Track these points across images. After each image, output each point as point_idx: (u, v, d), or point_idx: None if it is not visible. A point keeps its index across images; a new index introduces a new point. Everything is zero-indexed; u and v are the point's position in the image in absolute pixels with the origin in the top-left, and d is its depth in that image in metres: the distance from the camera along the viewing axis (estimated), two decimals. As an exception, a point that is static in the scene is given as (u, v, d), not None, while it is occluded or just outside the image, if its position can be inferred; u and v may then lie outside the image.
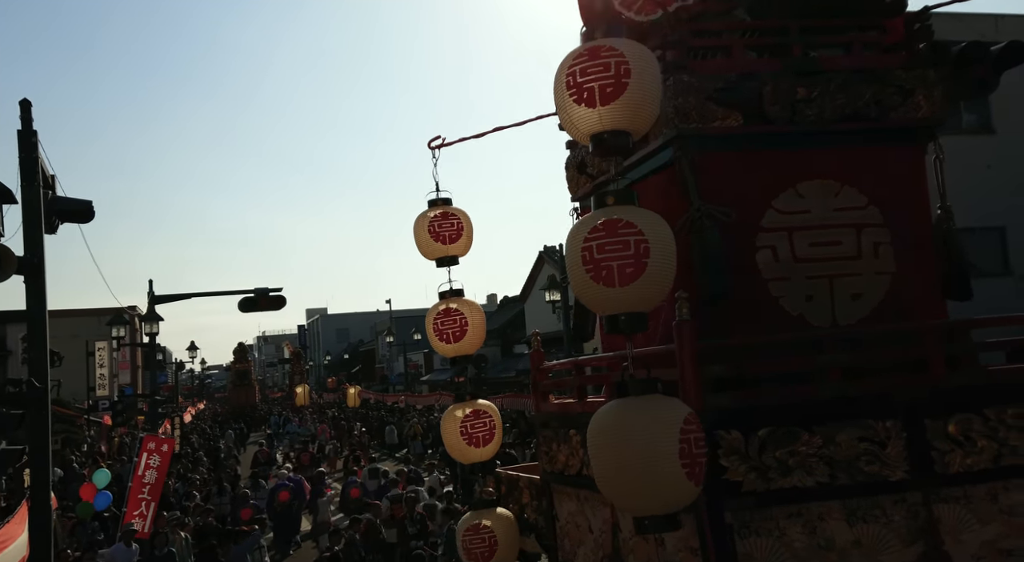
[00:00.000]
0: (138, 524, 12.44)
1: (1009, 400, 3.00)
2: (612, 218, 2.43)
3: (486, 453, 3.97)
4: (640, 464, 2.38)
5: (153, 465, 13.44)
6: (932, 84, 3.32)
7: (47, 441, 8.30)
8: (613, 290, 2.40)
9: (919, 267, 3.32)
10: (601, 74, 2.46)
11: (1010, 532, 2.94)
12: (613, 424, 2.45)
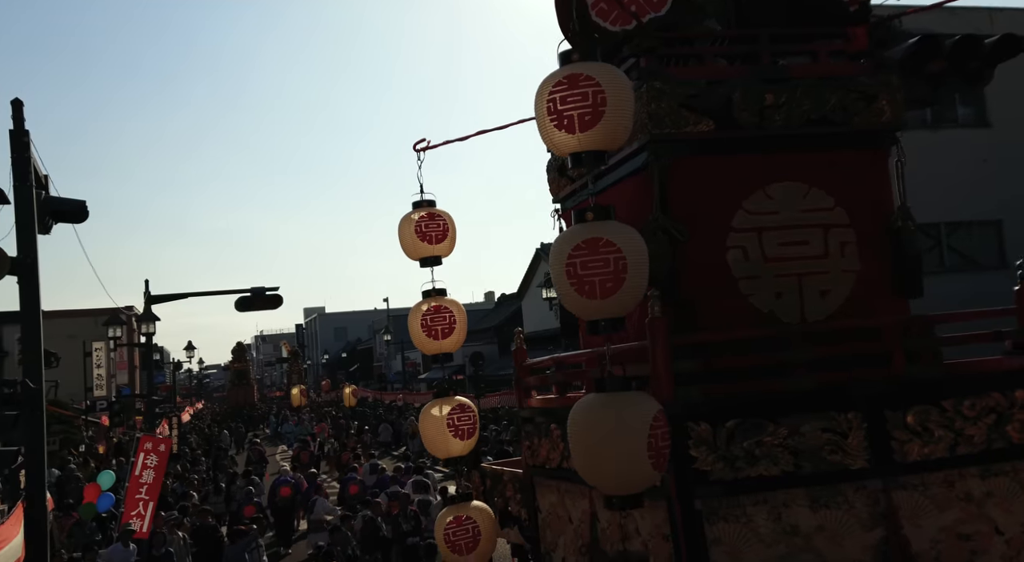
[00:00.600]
0: (136, 524, 12.22)
1: (965, 392, 3.19)
2: (593, 237, 2.62)
3: (468, 446, 4.15)
4: (614, 452, 2.57)
5: (150, 465, 13.18)
6: (894, 90, 3.50)
7: (42, 442, 8.36)
8: (595, 301, 2.61)
9: (883, 265, 3.50)
10: (580, 103, 2.66)
11: (966, 518, 3.12)
12: (592, 416, 2.64)
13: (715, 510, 2.98)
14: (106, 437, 23.92)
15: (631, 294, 2.63)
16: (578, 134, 2.69)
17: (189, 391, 65.69)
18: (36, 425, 8.15)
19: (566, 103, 2.69)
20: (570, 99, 2.69)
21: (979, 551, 3.10)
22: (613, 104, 2.67)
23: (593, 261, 2.61)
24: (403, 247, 4.27)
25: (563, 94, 2.69)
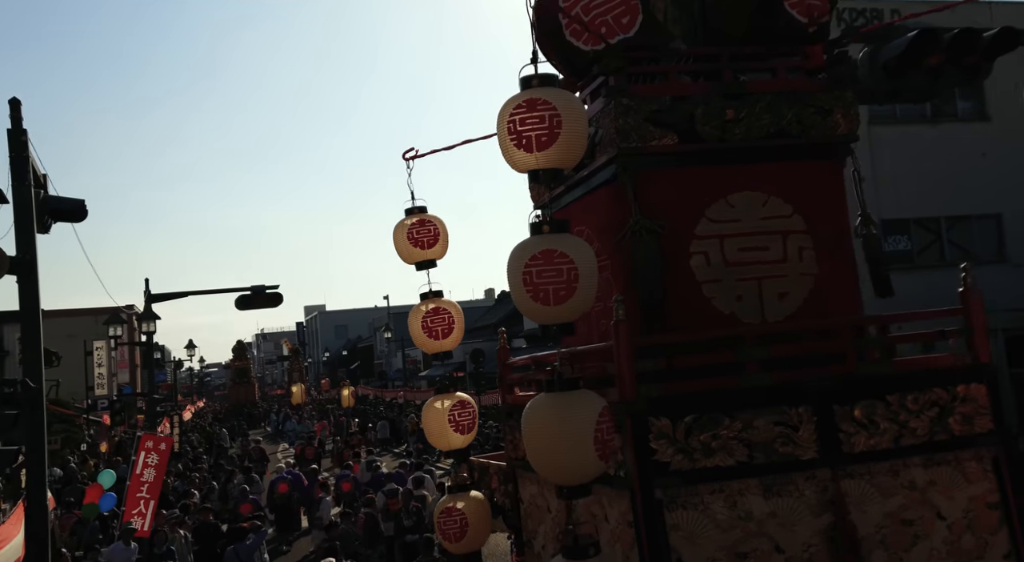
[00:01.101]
0: (137, 523, 12.59)
1: (909, 387, 3.46)
2: (549, 248, 2.90)
3: (467, 440, 4.46)
4: (563, 446, 2.85)
5: (151, 464, 13.59)
6: (849, 104, 3.77)
7: (43, 441, 8.51)
8: (548, 308, 2.89)
9: (838, 269, 3.77)
10: (537, 125, 2.93)
11: (909, 504, 3.40)
12: (543, 413, 2.93)
13: (674, 498, 3.26)
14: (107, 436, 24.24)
15: (581, 302, 2.92)
16: (535, 153, 2.98)
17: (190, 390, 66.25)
18: (37, 424, 8.29)
19: (525, 125, 2.97)
20: (528, 121, 2.97)
21: (922, 535, 3.38)
22: (568, 126, 2.95)
23: (548, 271, 2.89)
24: (398, 252, 4.56)
25: (522, 116, 2.98)
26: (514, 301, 3.06)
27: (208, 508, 14.44)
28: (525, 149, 2.98)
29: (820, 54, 3.79)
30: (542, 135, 2.95)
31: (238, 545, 11.37)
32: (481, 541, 4.52)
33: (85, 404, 26.13)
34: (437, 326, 4.56)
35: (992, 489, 3.47)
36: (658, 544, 3.21)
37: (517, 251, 2.97)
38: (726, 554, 3.25)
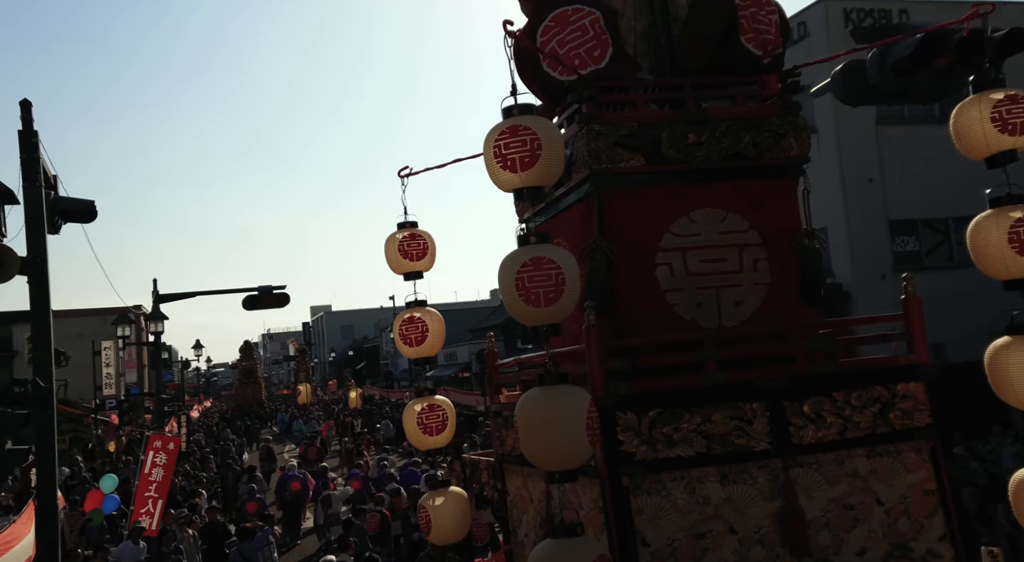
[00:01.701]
0: (145, 522, 12.64)
1: (854, 385, 3.90)
2: (539, 256, 3.32)
3: (439, 441, 4.90)
4: (560, 433, 3.24)
5: (160, 463, 13.82)
6: (801, 128, 4.20)
7: (53, 441, 8.59)
8: (539, 309, 3.30)
9: (790, 278, 4.21)
10: (520, 148, 3.36)
11: (852, 490, 3.84)
12: (540, 404, 3.35)
13: (639, 485, 3.70)
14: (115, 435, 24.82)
15: (568, 304, 3.35)
16: (519, 173, 3.42)
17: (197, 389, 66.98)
18: (47, 424, 8.37)
19: (509, 148, 3.41)
20: (512, 145, 3.41)
21: (862, 518, 3.82)
22: (547, 149, 3.39)
23: (538, 276, 3.31)
24: (388, 263, 5.01)
25: (507, 141, 3.42)
26: (506, 305, 3.48)
27: (216, 508, 14.90)
28: (510, 170, 3.41)
29: (775, 83, 4.21)
30: (525, 157, 3.38)
31: (242, 545, 11.75)
32: (462, 533, 4.95)
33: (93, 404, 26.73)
34: (411, 334, 5.00)
35: (929, 477, 3.90)
36: (624, 527, 3.65)
37: (508, 260, 3.39)
38: (685, 535, 3.69)
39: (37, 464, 9.05)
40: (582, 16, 4.15)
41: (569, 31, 4.14)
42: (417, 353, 4.88)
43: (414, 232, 4.94)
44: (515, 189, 3.43)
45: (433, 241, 4.97)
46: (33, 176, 8.42)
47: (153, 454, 13.74)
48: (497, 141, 3.41)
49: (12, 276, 7.94)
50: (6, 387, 8.87)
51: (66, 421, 23.00)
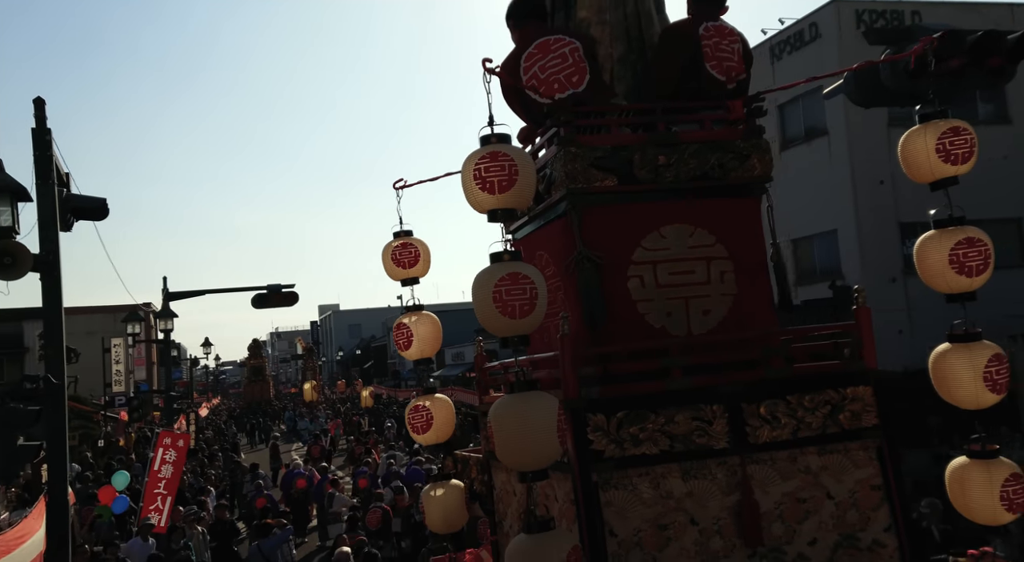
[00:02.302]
0: (154, 518, 12.98)
1: (806, 389, 4.31)
2: (515, 271, 3.72)
3: (428, 439, 5.34)
4: (530, 437, 3.64)
5: (169, 460, 14.10)
6: (764, 150, 4.62)
7: (64, 437, 8.78)
8: (514, 321, 3.70)
9: (754, 289, 4.62)
10: (499, 172, 3.77)
11: (805, 485, 4.25)
12: (510, 410, 3.77)
13: (607, 481, 4.11)
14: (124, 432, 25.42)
15: (538, 316, 3.76)
16: (497, 195, 3.84)
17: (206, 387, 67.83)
18: (58, 420, 8.57)
19: (489, 172, 3.83)
20: (492, 169, 3.83)
21: (813, 511, 4.23)
22: (523, 175, 3.82)
23: (515, 290, 3.72)
24: (384, 270, 5.46)
25: (487, 165, 3.83)
26: (481, 317, 3.84)
27: (224, 506, 15.09)
28: (488, 191, 3.83)
29: (740, 108, 4.62)
30: (503, 180, 3.80)
31: (262, 542, 11.94)
32: (460, 523, 5.40)
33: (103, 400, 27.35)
34: (400, 339, 5.48)
35: (876, 474, 4.31)
36: (594, 518, 4.07)
37: (485, 274, 3.78)
38: (650, 526, 4.11)
39: (48, 460, 9.19)
40: (563, 45, 4.57)
41: (550, 58, 4.56)
42: (408, 355, 5.33)
43: (406, 241, 5.38)
44: (490, 210, 3.85)
45: (426, 248, 5.40)
46: (46, 174, 8.61)
47: (163, 451, 14.03)
48: (477, 164, 3.84)
49: (25, 273, 8.10)
50: (17, 383, 8.99)
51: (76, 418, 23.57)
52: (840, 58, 21.42)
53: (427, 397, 5.29)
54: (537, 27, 4.66)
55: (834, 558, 4.19)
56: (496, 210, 3.86)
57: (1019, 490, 3.96)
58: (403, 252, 5.34)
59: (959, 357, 4.07)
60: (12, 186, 8.22)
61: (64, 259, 8.87)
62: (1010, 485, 3.96)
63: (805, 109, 23.76)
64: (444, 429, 5.24)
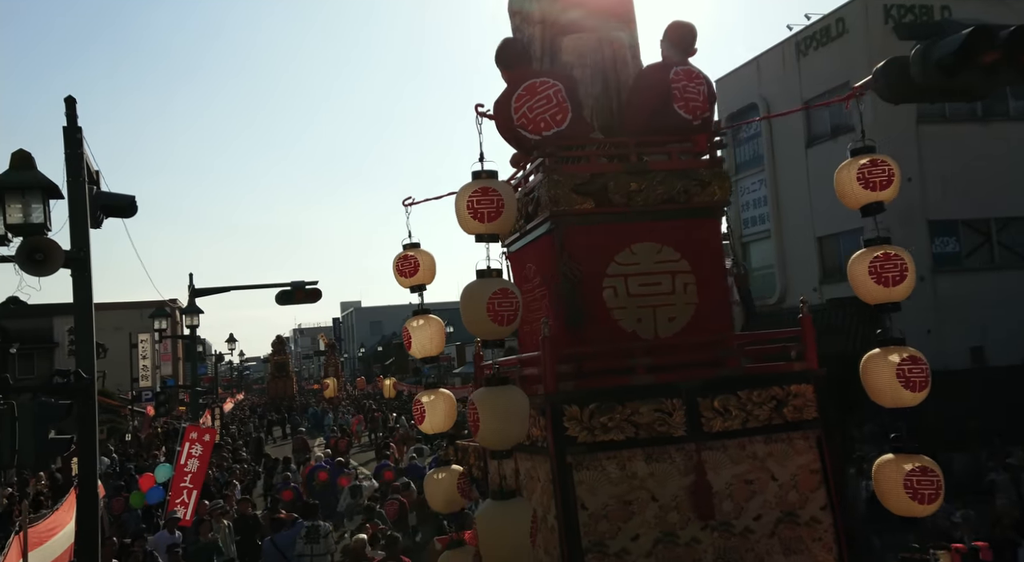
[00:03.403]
0: (180, 512, 13.75)
1: (755, 386, 5.17)
2: (504, 288, 4.65)
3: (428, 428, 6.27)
4: (500, 422, 4.58)
5: (195, 454, 14.84)
6: (723, 178, 5.48)
7: (94, 431, 9.05)
8: (502, 327, 4.63)
9: (713, 299, 5.49)
10: (489, 205, 4.71)
11: (752, 469, 5.11)
12: (485, 400, 4.64)
13: (580, 462, 5.00)
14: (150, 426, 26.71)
15: (517, 323, 4.70)
16: (486, 223, 4.77)
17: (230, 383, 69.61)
18: (89, 414, 8.82)
19: (480, 204, 4.77)
20: (483, 202, 4.76)
21: (759, 491, 5.09)
22: (507, 207, 4.75)
23: (506, 302, 4.66)
24: (395, 278, 6.40)
25: (479, 198, 4.77)
26: (471, 323, 4.77)
27: (247, 500, 16.01)
28: (479, 220, 4.77)
29: (703, 141, 5.49)
30: (492, 212, 4.74)
31: (276, 536, 12.49)
32: (457, 505, 6.31)
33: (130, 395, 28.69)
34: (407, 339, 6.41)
35: (815, 459, 5.17)
36: (568, 494, 4.95)
37: (478, 288, 4.70)
38: (616, 502, 4.99)
39: (79, 454, 9.46)
40: (548, 87, 5.46)
41: (537, 99, 5.45)
42: (414, 354, 6.27)
43: (410, 253, 6.31)
44: (478, 234, 4.77)
45: (429, 259, 6.32)
46: (77, 171, 8.88)
47: (189, 445, 14.87)
48: (470, 198, 4.77)
49: (57, 269, 8.32)
50: (48, 378, 9.21)
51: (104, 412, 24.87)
52: (868, 54, 21.96)
53: (430, 392, 6.21)
54: (525, 71, 5.55)
55: (776, 531, 5.06)
56: (483, 235, 4.79)
57: (925, 482, 4.78)
58: (404, 263, 6.28)
59: (880, 359, 4.89)
60: (44, 184, 8.49)
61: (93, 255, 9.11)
62: (914, 476, 4.79)
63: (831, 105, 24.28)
64: (445, 420, 6.17)
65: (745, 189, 26.75)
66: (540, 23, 5.91)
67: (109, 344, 25.27)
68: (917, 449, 4.88)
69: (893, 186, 4.88)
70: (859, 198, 4.91)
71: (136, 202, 9.99)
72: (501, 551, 4.36)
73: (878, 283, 4.81)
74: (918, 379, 4.81)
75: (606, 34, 5.83)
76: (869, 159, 4.84)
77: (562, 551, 4.91)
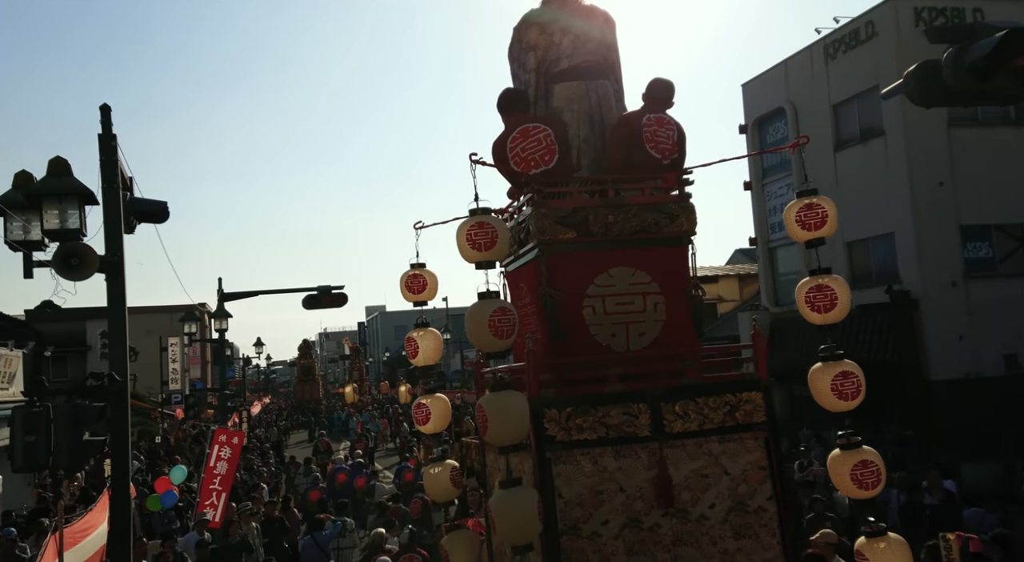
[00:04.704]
0: (209, 514, 14.51)
1: (711, 393, 6.24)
2: (503, 307, 5.79)
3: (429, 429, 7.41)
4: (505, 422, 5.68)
5: (224, 457, 15.56)
6: (691, 211, 6.56)
7: (127, 433, 9.70)
8: (502, 340, 5.76)
9: (679, 317, 6.58)
10: (484, 237, 5.85)
11: (707, 465, 6.19)
12: (491, 403, 5.80)
13: (558, 458, 6.09)
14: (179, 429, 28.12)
15: (514, 337, 5.83)
16: (483, 252, 5.91)
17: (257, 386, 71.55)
18: (121, 416, 9.50)
19: (478, 235, 5.91)
20: (480, 234, 5.90)
21: (713, 484, 6.16)
22: (500, 238, 5.88)
23: (504, 320, 5.79)
24: (402, 293, 7.56)
25: (476, 231, 5.91)
26: (475, 337, 5.84)
27: (274, 502, 17.07)
28: (476, 249, 5.92)
29: (673, 179, 6.58)
30: (487, 242, 5.89)
31: (316, 534, 13.75)
32: (453, 494, 7.43)
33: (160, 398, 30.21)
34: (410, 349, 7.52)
35: (762, 457, 6.23)
36: (547, 485, 6.04)
37: (481, 308, 5.79)
38: (589, 491, 6.09)
39: (112, 455, 10.28)
40: (538, 132, 6.57)
41: (529, 142, 6.57)
42: (415, 362, 7.43)
43: (416, 272, 7.47)
44: (477, 261, 5.90)
45: (434, 278, 7.45)
46: (111, 178, 9.45)
47: (218, 448, 15.74)
48: (469, 231, 5.92)
49: (92, 274, 8.77)
50: (82, 381, 9.72)
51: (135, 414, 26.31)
52: (898, 57, 22.66)
53: (428, 396, 7.38)
54: (520, 116, 6.67)
55: (727, 519, 6.14)
56: (480, 261, 5.93)
57: (867, 473, 5.81)
58: (412, 282, 7.44)
59: (820, 373, 5.94)
60: (80, 190, 8.94)
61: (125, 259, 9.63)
62: (858, 469, 5.82)
63: (860, 109, 24.99)
64: (441, 421, 7.33)
65: (772, 194, 27.60)
66: (535, 71, 7.05)
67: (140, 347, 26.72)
68: (860, 444, 5.89)
69: (828, 225, 5.88)
70: (800, 236, 5.97)
71: (168, 208, 10.67)
72: (515, 528, 5.47)
73: (813, 310, 5.85)
74: (850, 390, 5.82)
75: (592, 82, 6.94)
76: (806, 203, 5.89)
77: (542, 533, 6.02)
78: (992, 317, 22.74)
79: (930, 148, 23.41)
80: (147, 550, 13.03)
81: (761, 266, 28.61)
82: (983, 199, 23.66)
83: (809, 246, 6.05)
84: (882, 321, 23.71)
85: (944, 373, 22.74)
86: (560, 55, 6.98)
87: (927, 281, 23.25)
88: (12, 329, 21.55)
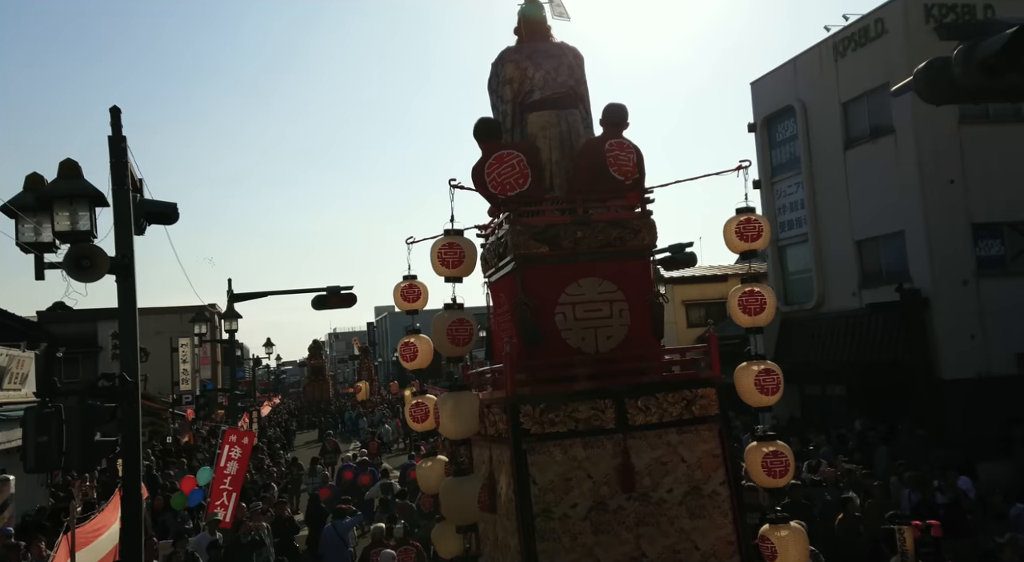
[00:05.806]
0: (220, 514, 15.01)
1: (670, 390, 7.25)
2: (461, 317, 6.88)
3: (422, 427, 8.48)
4: (457, 419, 6.78)
5: (235, 457, 16.24)
6: (652, 227, 7.58)
7: (138, 433, 9.88)
8: (460, 347, 6.89)
9: (642, 322, 7.59)
10: (454, 255, 6.96)
11: (666, 454, 7.19)
12: (447, 401, 6.84)
13: (532, 449, 7.09)
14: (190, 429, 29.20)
15: (472, 345, 6.89)
16: (452, 269, 6.99)
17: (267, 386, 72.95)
18: (132, 417, 9.67)
19: (447, 254, 7.01)
20: (449, 253, 7.00)
21: (672, 470, 7.17)
22: (468, 257, 6.98)
23: (461, 329, 6.87)
24: (395, 302, 8.62)
25: (447, 250, 7.01)
26: (435, 342, 6.98)
27: (283, 502, 17.79)
28: (446, 266, 7.01)
29: (635, 197, 7.60)
30: (455, 260, 6.98)
31: (338, 522, 14.64)
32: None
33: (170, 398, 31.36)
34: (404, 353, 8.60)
35: (716, 446, 7.24)
36: (523, 473, 7.07)
37: (442, 318, 6.91)
38: (560, 478, 7.11)
39: (123, 455, 10.40)
40: (513, 158, 7.59)
41: (504, 167, 7.58)
42: (410, 366, 8.50)
43: (411, 283, 8.54)
44: (445, 276, 6.97)
45: (425, 289, 8.54)
46: (121, 180, 9.60)
47: (229, 448, 16.47)
48: (440, 249, 7.01)
49: (103, 275, 8.87)
50: (93, 381, 9.82)
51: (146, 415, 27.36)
52: (908, 54, 23.25)
53: (422, 396, 8.44)
54: (495, 144, 7.70)
55: (684, 501, 7.15)
56: (449, 277, 7.01)
57: (776, 462, 6.86)
58: (408, 291, 8.52)
59: (744, 371, 6.97)
60: (91, 192, 9.06)
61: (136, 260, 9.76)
62: (768, 458, 6.87)
63: (870, 107, 25.60)
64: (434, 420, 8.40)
65: (781, 192, 28.39)
66: (511, 102, 8.10)
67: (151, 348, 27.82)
68: (774, 437, 6.90)
69: (763, 238, 6.92)
70: (738, 247, 7.00)
71: (178, 209, 10.94)
72: (457, 511, 6.57)
73: (744, 312, 6.88)
74: (770, 386, 6.87)
75: (563, 112, 7.98)
76: (745, 218, 6.92)
77: (518, 515, 7.06)
78: (1004, 316, 23.08)
79: (941, 146, 23.64)
80: (159, 550, 13.41)
81: (770, 265, 29.28)
82: (994, 197, 23.91)
83: (743, 258, 7.06)
84: (893, 320, 24.13)
85: (956, 372, 23.05)
86: (533, 88, 8.02)
87: (938, 280, 23.44)
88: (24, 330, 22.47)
